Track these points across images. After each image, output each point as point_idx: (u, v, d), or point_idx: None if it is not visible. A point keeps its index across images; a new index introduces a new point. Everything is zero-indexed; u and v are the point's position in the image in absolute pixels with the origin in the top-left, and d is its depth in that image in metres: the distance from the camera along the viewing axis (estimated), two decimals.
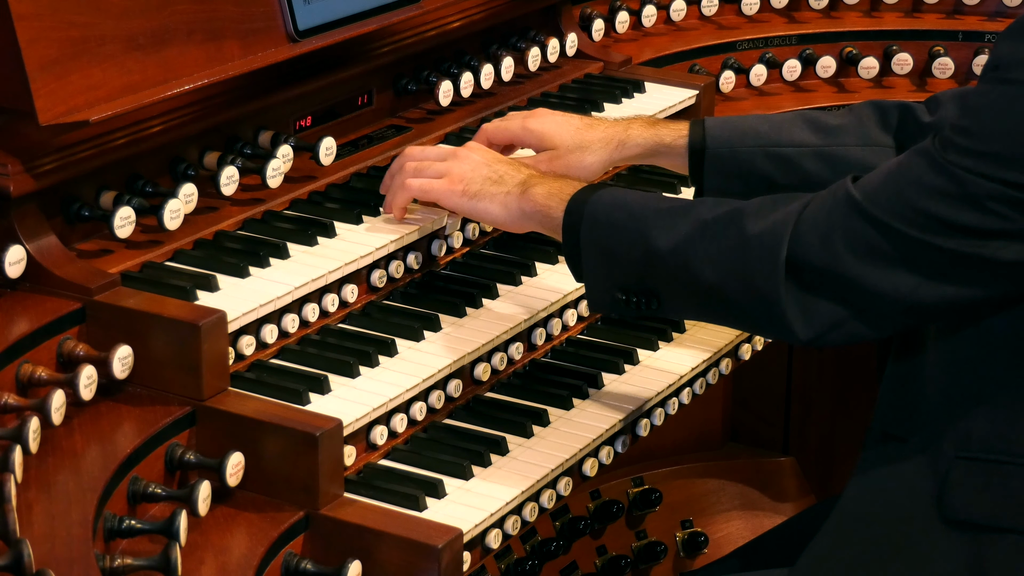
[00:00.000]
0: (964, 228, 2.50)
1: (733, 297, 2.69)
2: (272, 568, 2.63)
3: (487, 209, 3.02)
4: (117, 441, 2.67)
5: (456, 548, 2.66)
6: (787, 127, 3.21)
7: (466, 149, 3.12)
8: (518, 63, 3.79)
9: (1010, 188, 2.46)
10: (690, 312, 2.87)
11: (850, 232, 2.57)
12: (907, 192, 2.54)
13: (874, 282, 2.57)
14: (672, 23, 4.29)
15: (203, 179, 3.11)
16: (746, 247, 2.66)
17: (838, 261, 2.58)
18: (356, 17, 3.36)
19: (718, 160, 3.21)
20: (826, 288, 2.61)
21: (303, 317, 2.97)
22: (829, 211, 2.60)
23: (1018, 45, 2.46)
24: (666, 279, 2.76)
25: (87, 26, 2.88)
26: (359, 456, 2.85)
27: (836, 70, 4.25)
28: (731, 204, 2.74)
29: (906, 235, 2.54)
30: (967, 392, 2.67)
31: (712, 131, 3.22)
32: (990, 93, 2.49)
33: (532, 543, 3.96)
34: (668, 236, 2.73)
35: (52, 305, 2.79)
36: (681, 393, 3.25)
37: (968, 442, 2.67)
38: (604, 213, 2.82)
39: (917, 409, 2.73)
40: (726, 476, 4.50)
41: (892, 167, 2.60)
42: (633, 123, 3.29)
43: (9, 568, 2.19)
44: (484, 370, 3.08)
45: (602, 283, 2.84)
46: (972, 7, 4.43)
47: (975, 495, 2.67)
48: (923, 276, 2.56)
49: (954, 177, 2.49)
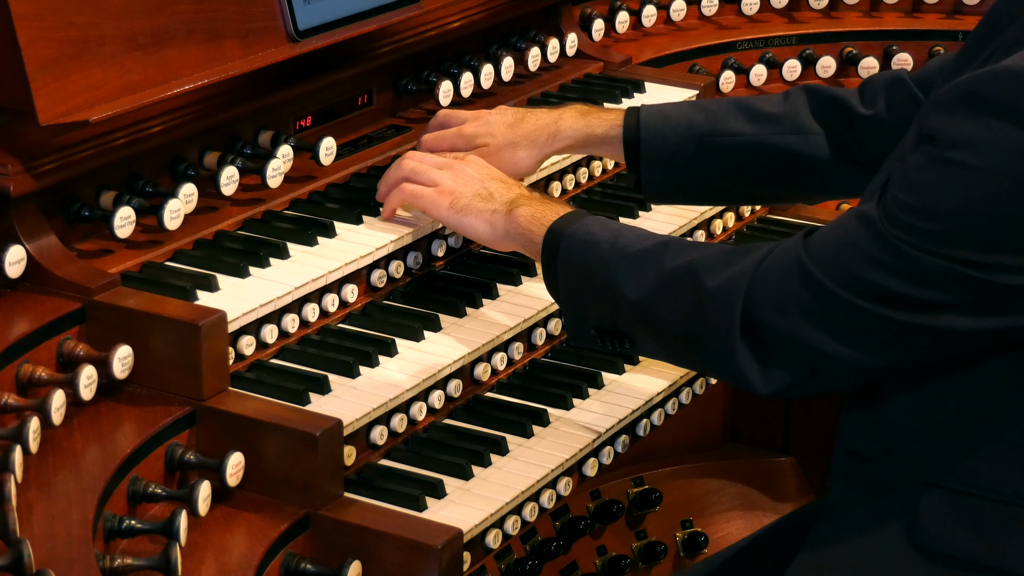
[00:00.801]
0: (915, 302, 2.50)
1: (695, 349, 2.71)
2: (272, 568, 2.63)
3: (472, 225, 3.02)
4: (117, 441, 2.67)
5: (456, 548, 2.66)
6: (722, 116, 3.20)
7: (463, 162, 3.12)
8: (518, 63, 3.79)
9: (957, 264, 2.45)
10: (661, 356, 2.89)
11: (804, 300, 2.57)
12: (855, 264, 2.53)
13: (830, 348, 2.57)
14: (672, 23, 4.29)
15: (203, 179, 3.11)
16: (702, 304, 2.66)
17: (794, 327, 2.58)
18: (356, 17, 3.36)
19: (652, 151, 3.21)
20: (783, 350, 2.61)
21: (303, 317, 2.97)
22: (781, 276, 2.60)
23: (954, 120, 2.43)
24: (634, 326, 2.78)
25: (87, 26, 2.88)
26: (359, 456, 2.85)
27: (836, 70, 4.25)
28: (691, 253, 2.72)
29: (858, 307, 2.53)
30: (933, 424, 2.65)
31: (646, 122, 3.21)
32: (930, 170, 2.46)
33: (532, 543, 3.96)
34: (634, 284, 2.74)
35: (52, 305, 2.79)
36: (681, 393, 3.25)
37: (936, 471, 2.64)
38: (577, 251, 2.83)
39: (882, 432, 2.70)
40: (726, 476, 4.50)
41: (840, 231, 2.57)
42: (565, 113, 3.28)
43: (9, 568, 2.19)
44: (484, 370, 3.08)
45: (578, 319, 2.86)
46: (972, 7, 4.43)
47: (948, 527, 2.64)
48: (879, 343, 2.56)
49: (900, 253, 2.48)
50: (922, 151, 2.49)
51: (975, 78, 2.43)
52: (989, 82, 2.41)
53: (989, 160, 2.40)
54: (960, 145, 2.42)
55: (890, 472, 2.70)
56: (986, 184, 2.41)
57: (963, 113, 2.43)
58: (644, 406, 3.13)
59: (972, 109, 2.42)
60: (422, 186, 3.08)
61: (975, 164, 2.41)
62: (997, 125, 2.39)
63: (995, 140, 2.39)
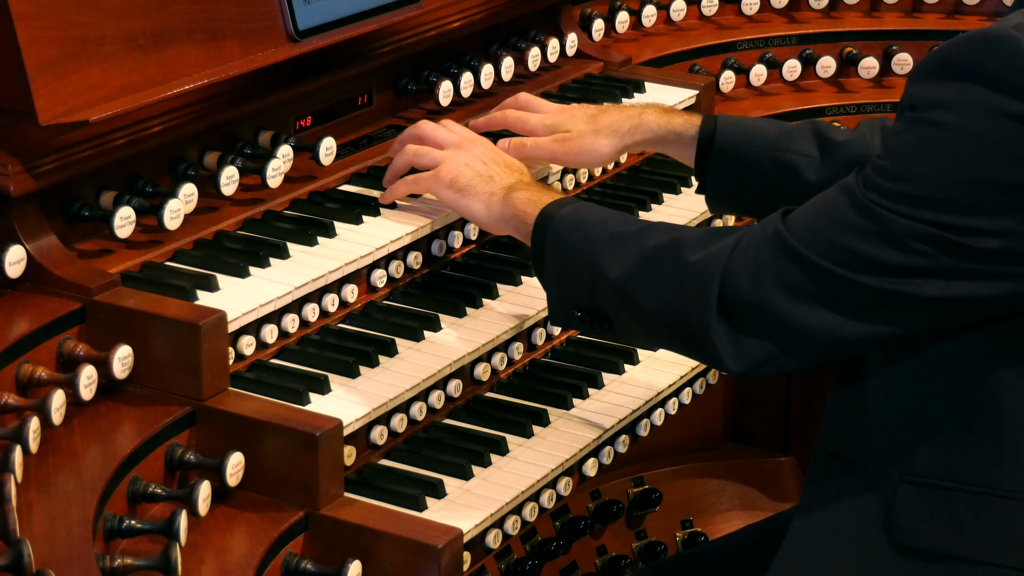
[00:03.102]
0: (887, 267, 2.53)
1: (670, 327, 2.73)
2: (272, 568, 2.63)
3: (469, 206, 3.05)
4: (117, 441, 2.67)
5: (456, 548, 2.66)
6: (796, 135, 3.23)
7: (470, 141, 3.15)
8: (518, 63, 3.79)
9: (930, 226, 2.49)
10: (638, 338, 2.92)
11: (778, 270, 2.60)
12: (831, 230, 2.56)
13: (801, 319, 2.59)
14: (672, 23, 4.29)
15: (203, 179, 3.11)
16: (681, 279, 2.69)
17: (766, 298, 2.60)
18: (356, 17, 3.36)
19: (723, 157, 3.23)
20: (756, 324, 2.63)
21: (303, 317, 2.97)
22: (758, 248, 2.63)
23: (929, 85, 2.50)
24: (613, 305, 2.79)
25: (87, 26, 2.88)
26: (359, 456, 2.85)
27: (836, 70, 4.25)
28: (675, 232, 2.76)
29: (831, 272, 2.56)
30: (910, 418, 2.68)
31: (723, 127, 3.25)
32: (905, 133, 2.53)
33: (532, 543, 3.96)
34: (615, 263, 2.76)
35: (52, 305, 2.79)
36: (681, 393, 3.25)
37: (912, 467, 2.68)
38: (565, 231, 2.85)
39: (862, 432, 2.73)
40: (726, 476, 4.50)
41: (819, 203, 2.62)
42: (647, 109, 3.34)
43: (9, 568, 2.19)
44: (484, 370, 3.08)
45: (559, 299, 2.87)
46: (972, 7, 4.43)
47: (923, 522, 2.68)
48: (849, 313, 2.58)
49: (876, 216, 2.52)
50: (901, 117, 2.55)
51: (951, 44, 2.50)
52: (963, 46, 2.47)
53: (961, 119, 2.46)
54: (935, 106, 2.48)
55: (867, 471, 2.72)
56: (957, 143, 2.46)
57: (939, 77, 2.49)
58: (644, 406, 3.13)
59: (947, 73, 2.48)
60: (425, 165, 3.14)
61: (948, 123, 2.47)
62: (970, 88, 2.45)
63: (968, 101, 2.45)
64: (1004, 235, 2.48)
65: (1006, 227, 2.48)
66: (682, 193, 3.62)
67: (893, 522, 2.69)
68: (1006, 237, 2.48)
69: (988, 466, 2.64)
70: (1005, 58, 2.44)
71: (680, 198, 3.61)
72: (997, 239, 2.49)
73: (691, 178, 3.64)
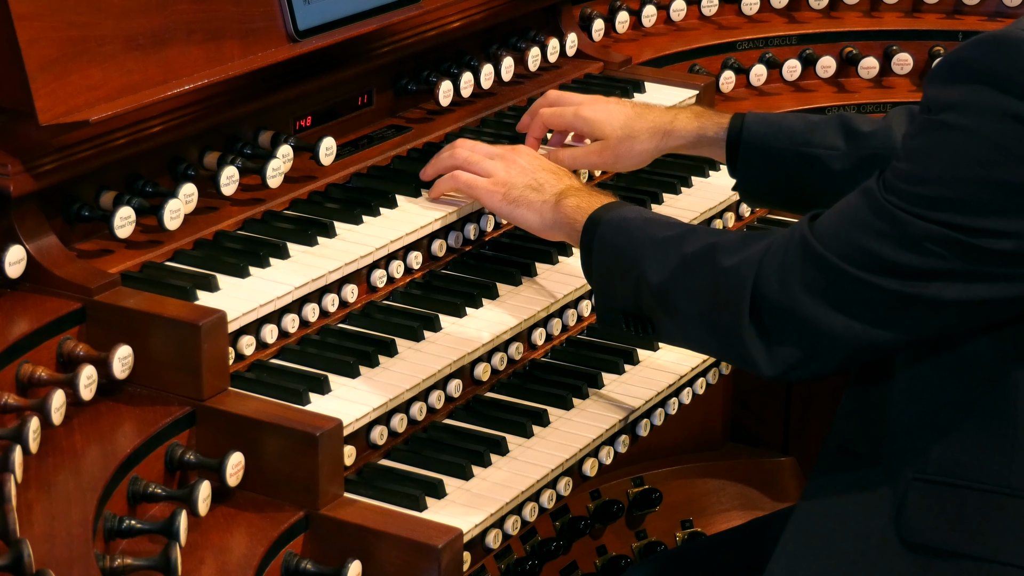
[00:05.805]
0: (906, 269, 2.55)
1: (707, 331, 2.77)
2: (272, 568, 2.63)
3: (523, 216, 3.11)
4: (117, 441, 2.67)
5: (456, 548, 2.66)
6: (822, 128, 3.26)
7: (514, 152, 3.19)
8: (518, 63, 3.79)
9: (945, 228, 2.50)
10: (678, 341, 2.95)
11: (804, 274, 2.62)
12: (853, 233, 2.59)
13: (828, 323, 2.61)
14: (672, 23, 4.29)
15: (203, 179, 3.11)
16: (716, 283, 2.72)
17: (795, 303, 2.63)
18: (356, 17, 3.36)
19: (750, 153, 3.29)
20: (785, 328, 2.65)
21: (303, 317, 2.97)
22: (786, 252, 2.65)
23: (941, 88, 2.53)
24: (655, 309, 2.84)
25: (87, 26, 2.88)
26: (359, 456, 2.85)
27: (836, 70, 4.25)
28: (712, 238, 2.79)
29: (853, 276, 2.58)
30: (928, 417, 2.69)
31: (749, 125, 3.29)
32: (920, 135, 2.55)
33: (532, 543, 3.96)
34: (657, 268, 2.81)
35: (52, 305, 2.79)
36: (681, 393, 3.25)
37: (926, 464, 2.69)
38: (610, 236, 2.91)
39: (878, 429, 2.74)
40: (726, 476, 4.50)
41: (843, 206, 2.65)
42: (680, 114, 3.38)
43: (9, 568, 2.19)
44: (484, 370, 3.08)
45: (608, 303, 2.92)
46: (972, 7, 4.43)
47: (932, 519, 2.69)
48: (873, 316, 2.60)
49: (894, 219, 2.54)
50: (917, 120, 2.57)
51: (963, 46, 2.52)
52: (974, 49, 2.50)
53: (972, 121, 2.48)
54: (947, 108, 2.51)
55: (880, 467, 2.73)
56: (968, 145, 2.48)
57: (951, 80, 2.51)
58: (644, 405, 3.13)
59: (958, 75, 2.50)
60: (476, 176, 3.17)
61: (959, 125, 2.49)
62: (981, 89, 2.47)
63: (979, 103, 2.47)
64: (1018, 236, 2.49)
65: (1020, 229, 2.49)
66: (682, 193, 3.62)
67: (902, 518, 2.70)
68: (1020, 239, 2.49)
69: (999, 464, 2.65)
70: (1015, 60, 2.45)
71: (680, 198, 3.61)
72: (1011, 240, 2.49)
73: (691, 178, 3.65)
